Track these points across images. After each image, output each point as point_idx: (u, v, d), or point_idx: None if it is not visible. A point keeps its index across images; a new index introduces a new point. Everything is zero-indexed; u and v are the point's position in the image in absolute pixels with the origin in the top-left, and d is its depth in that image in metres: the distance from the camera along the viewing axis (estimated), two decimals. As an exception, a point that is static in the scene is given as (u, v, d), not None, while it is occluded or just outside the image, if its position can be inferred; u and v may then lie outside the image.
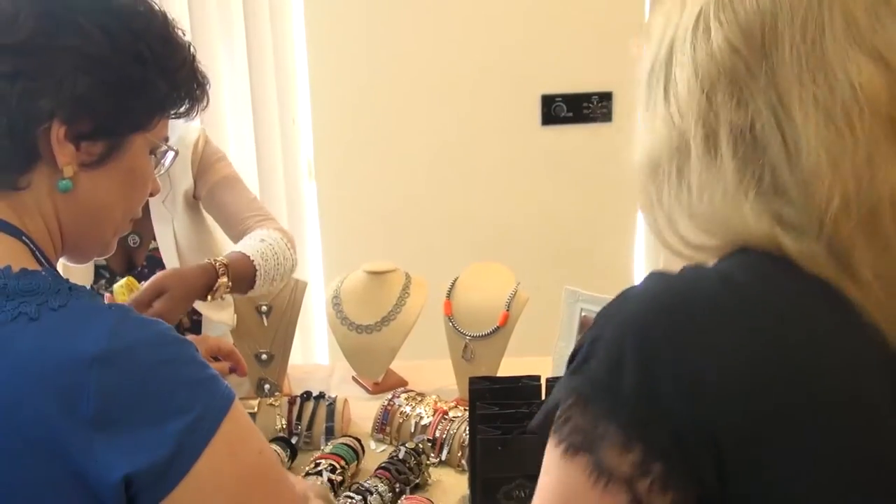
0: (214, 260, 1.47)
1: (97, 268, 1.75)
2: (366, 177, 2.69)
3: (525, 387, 1.35)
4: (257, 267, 1.54)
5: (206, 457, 0.76)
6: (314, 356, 2.79)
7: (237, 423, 0.78)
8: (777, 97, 0.66)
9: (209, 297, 1.45)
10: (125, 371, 0.75)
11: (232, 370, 1.36)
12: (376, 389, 1.86)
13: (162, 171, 0.97)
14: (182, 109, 0.93)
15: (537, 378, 1.38)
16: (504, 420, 1.25)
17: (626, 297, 0.69)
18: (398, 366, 1.93)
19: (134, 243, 1.75)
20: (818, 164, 0.64)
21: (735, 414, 0.61)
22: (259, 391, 1.82)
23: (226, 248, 1.76)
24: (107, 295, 1.39)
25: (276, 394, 1.76)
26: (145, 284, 1.37)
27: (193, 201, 1.74)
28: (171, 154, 0.96)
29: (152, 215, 1.72)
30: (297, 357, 2.72)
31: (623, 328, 0.65)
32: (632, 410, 0.62)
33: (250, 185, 2.62)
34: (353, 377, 1.93)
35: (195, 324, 1.90)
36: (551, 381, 1.36)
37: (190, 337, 1.39)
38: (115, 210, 0.91)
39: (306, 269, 2.77)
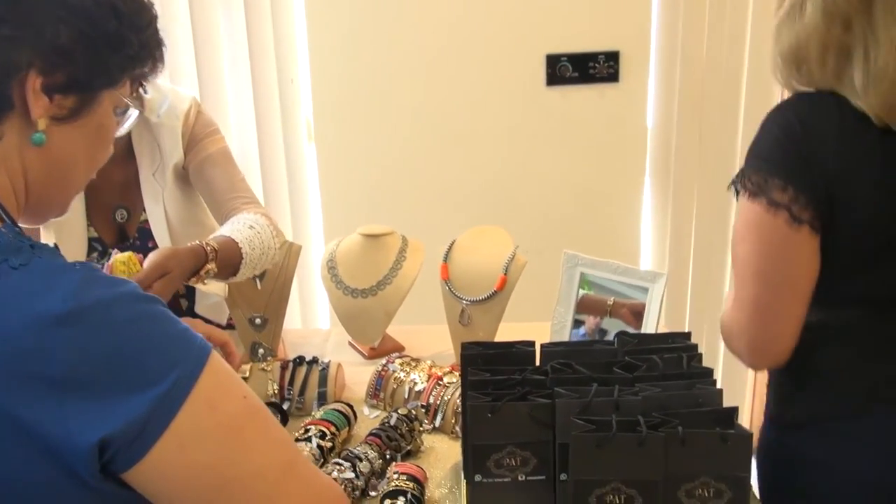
0: (206, 243, 1.44)
1: (90, 240, 1.72)
2: (366, 138, 2.65)
3: (519, 353, 1.31)
4: (244, 255, 1.51)
5: (184, 412, 0.73)
6: (316, 321, 2.77)
7: (215, 375, 0.76)
8: (871, 30, 1.19)
9: (193, 281, 1.42)
10: (94, 330, 0.72)
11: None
12: (372, 354, 1.84)
13: (121, 132, 0.94)
14: (146, 69, 0.91)
15: (531, 344, 1.34)
16: (496, 386, 1.21)
17: (776, 111, 1.27)
18: (395, 330, 1.91)
19: (122, 218, 1.72)
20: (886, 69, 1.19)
21: (837, 176, 1.21)
22: (253, 355, 1.80)
23: (216, 223, 1.73)
24: (106, 264, 1.36)
25: (269, 358, 1.74)
26: (146, 264, 1.34)
27: (184, 174, 1.70)
28: (133, 113, 0.93)
29: (142, 188, 1.68)
30: (297, 322, 2.71)
31: (775, 129, 1.24)
32: (785, 170, 1.21)
33: (249, 148, 2.62)
34: (350, 342, 1.91)
35: (189, 290, 1.87)
36: (546, 347, 1.32)
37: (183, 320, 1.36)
38: (80, 168, 0.89)
39: (307, 232, 2.74)
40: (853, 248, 1.24)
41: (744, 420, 2.98)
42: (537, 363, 1.32)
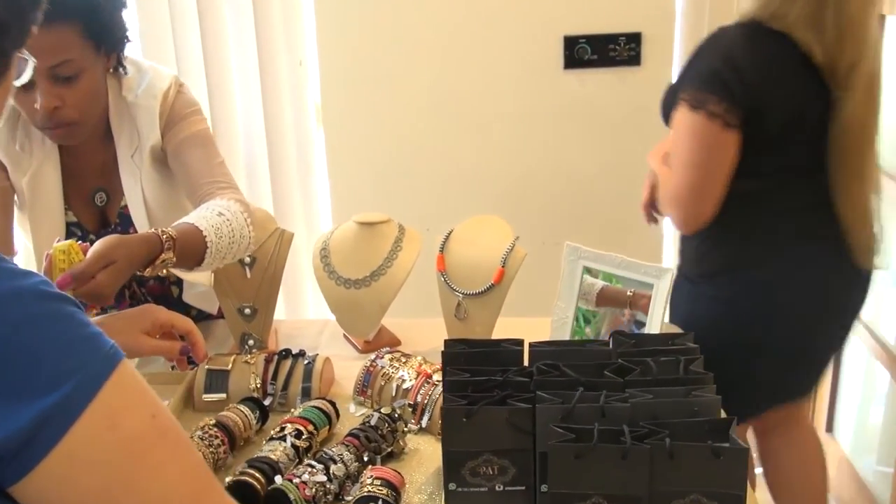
0: (162, 231, 1.35)
1: (69, 225, 1.67)
2: (376, 123, 2.57)
3: (504, 352, 1.24)
4: (209, 244, 1.43)
5: (79, 427, 0.66)
6: (313, 311, 2.72)
7: (122, 388, 0.68)
8: None
9: (147, 271, 1.34)
10: None
11: (185, 353, 1.27)
12: (367, 348, 1.76)
13: (18, 83, 0.86)
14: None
15: (520, 343, 1.26)
16: (475, 388, 1.13)
17: (714, 38, 1.69)
18: (392, 324, 1.84)
19: (101, 201, 1.66)
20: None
21: (761, 92, 1.63)
22: (243, 347, 1.73)
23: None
24: (46, 254, 1.29)
25: (254, 351, 1.67)
26: (89, 253, 1.26)
27: (162, 156, 1.63)
28: (30, 63, 0.86)
29: (121, 170, 1.62)
30: (295, 312, 2.65)
31: (714, 54, 1.65)
32: (721, 88, 1.60)
33: (256, 133, 2.56)
34: (345, 335, 1.84)
35: (180, 278, 1.82)
36: (535, 347, 1.24)
37: (142, 307, 1.29)
38: None
39: (315, 218, 2.68)
40: (767, 138, 1.67)
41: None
42: (526, 363, 1.24)
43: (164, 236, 1.34)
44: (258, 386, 1.53)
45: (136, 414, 0.69)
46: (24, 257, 1.78)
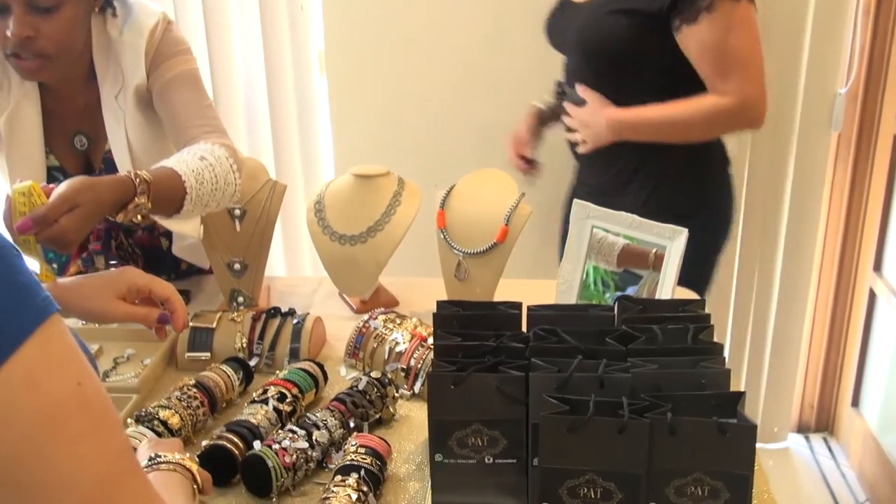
0: (135, 174, 1.30)
1: (50, 169, 1.62)
2: (382, 71, 2.49)
3: (500, 315, 1.18)
4: (188, 189, 1.37)
5: None
6: (307, 268, 2.68)
7: (48, 346, 0.63)
8: None
9: (120, 217, 1.29)
10: None
11: (163, 320, 1.22)
12: (362, 308, 1.72)
13: None
14: None
15: (517, 306, 1.20)
16: (466, 353, 1.08)
17: None
18: (390, 283, 1.79)
19: (81, 145, 1.61)
20: None
21: None
22: (232, 304, 1.69)
23: None
24: (7, 195, 1.24)
25: (241, 308, 1.63)
26: (52, 195, 1.20)
27: (148, 98, 1.57)
28: None
29: (104, 112, 1.57)
30: (295, 270, 2.61)
31: None
32: None
33: (256, 81, 2.50)
34: (341, 294, 1.79)
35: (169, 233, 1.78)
36: (533, 310, 1.19)
37: (120, 269, 1.23)
38: None
39: (317, 170, 2.63)
40: None
41: (756, 411, 2.80)
42: (524, 328, 1.19)
43: (138, 180, 1.29)
44: (244, 345, 1.50)
45: (61, 377, 0.63)
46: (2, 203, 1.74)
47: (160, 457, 0.92)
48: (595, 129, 1.91)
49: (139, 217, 1.30)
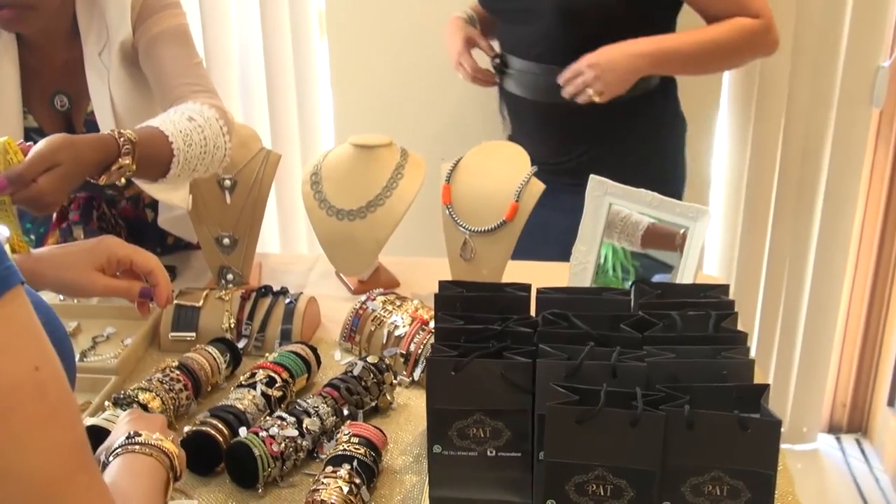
0: (119, 133, 1.29)
1: (29, 130, 1.62)
2: (387, 33, 2.48)
3: (507, 298, 1.18)
4: (175, 151, 1.37)
5: None
6: (303, 245, 2.68)
7: (5, 324, 0.62)
8: None
9: (102, 179, 1.28)
10: None
11: (146, 294, 1.22)
12: (360, 289, 1.72)
13: None
14: None
15: (526, 288, 1.20)
16: (468, 338, 1.08)
17: None
18: (391, 262, 1.79)
19: (61, 105, 1.61)
20: None
21: None
22: (220, 282, 1.69)
23: None
24: None
25: (229, 287, 1.63)
26: (31, 153, 1.20)
27: (133, 55, 1.57)
28: None
29: (87, 71, 1.56)
30: (291, 247, 2.60)
31: None
32: None
33: (252, 44, 2.49)
34: (338, 273, 1.79)
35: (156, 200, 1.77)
36: (543, 293, 1.18)
37: (99, 239, 1.23)
38: None
39: (316, 139, 2.62)
40: None
41: (784, 410, 2.79)
42: (532, 312, 1.18)
43: (122, 139, 1.29)
44: (232, 326, 1.50)
45: (16, 358, 0.62)
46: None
47: (139, 436, 0.91)
48: (612, 73, 1.81)
49: (122, 180, 1.30)
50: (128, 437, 0.91)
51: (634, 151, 1.99)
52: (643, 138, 2.00)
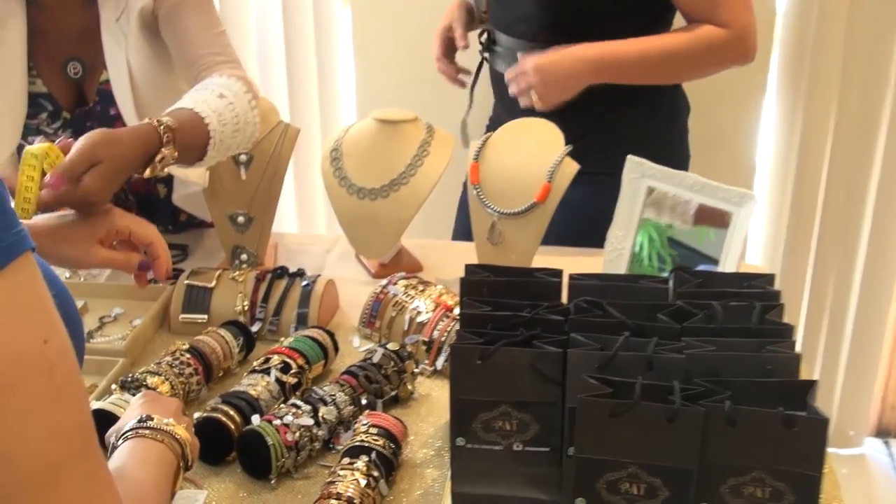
0: (158, 121, 1.31)
1: (37, 96, 1.64)
2: (412, 2, 2.48)
3: (537, 283, 1.18)
4: (212, 133, 1.38)
5: None
6: (321, 225, 2.69)
7: (13, 291, 0.62)
8: None
9: (147, 173, 1.30)
10: None
11: (144, 267, 1.23)
12: (381, 272, 1.72)
13: None
14: None
15: (557, 273, 1.19)
16: (496, 325, 1.08)
17: None
18: (414, 245, 1.79)
19: (75, 73, 1.62)
20: None
21: None
22: (234, 262, 1.70)
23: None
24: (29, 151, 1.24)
25: (244, 267, 1.64)
26: (72, 151, 1.21)
27: (153, 21, 1.58)
28: None
29: (103, 37, 1.58)
30: (309, 227, 2.61)
31: None
32: None
33: (271, 12, 2.49)
34: (357, 255, 1.80)
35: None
36: (575, 279, 1.18)
37: (92, 218, 1.24)
38: None
39: (337, 113, 2.63)
40: None
41: (830, 411, 2.77)
42: (564, 300, 1.18)
43: (162, 127, 1.30)
44: (245, 308, 1.51)
45: (24, 329, 0.62)
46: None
47: (151, 420, 0.92)
48: (553, 80, 1.77)
49: (165, 171, 1.31)
50: (139, 421, 0.92)
51: (631, 136, 1.91)
52: (639, 122, 1.94)
